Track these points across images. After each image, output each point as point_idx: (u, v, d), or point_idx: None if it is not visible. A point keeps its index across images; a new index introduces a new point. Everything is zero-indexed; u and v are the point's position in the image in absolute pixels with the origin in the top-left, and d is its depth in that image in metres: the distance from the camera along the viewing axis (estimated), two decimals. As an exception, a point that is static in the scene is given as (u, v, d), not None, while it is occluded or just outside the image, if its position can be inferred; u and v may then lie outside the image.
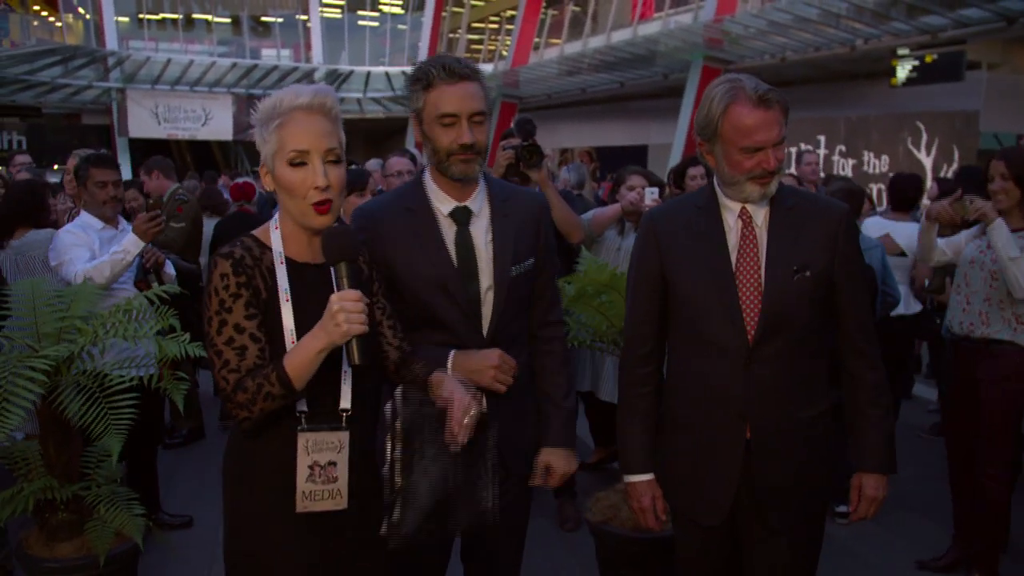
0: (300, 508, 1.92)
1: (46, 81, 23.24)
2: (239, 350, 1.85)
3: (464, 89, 2.19)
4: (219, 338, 1.86)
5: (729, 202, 2.30)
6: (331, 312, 1.78)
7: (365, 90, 27.57)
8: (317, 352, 1.81)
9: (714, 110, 2.20)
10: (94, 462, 3.42)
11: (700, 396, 2.32)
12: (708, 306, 2.27)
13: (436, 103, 2.21)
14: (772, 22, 14.55)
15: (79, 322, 3.24)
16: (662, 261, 2.33)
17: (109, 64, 23.82)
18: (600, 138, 21.46)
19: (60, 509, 3.24)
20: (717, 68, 16.87)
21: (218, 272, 1.86)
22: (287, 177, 1.89)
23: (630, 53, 18.26)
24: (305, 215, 1.92)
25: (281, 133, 1.88)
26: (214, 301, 1.86)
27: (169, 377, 3.29)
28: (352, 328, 1.77)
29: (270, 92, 1.97)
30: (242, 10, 28.31)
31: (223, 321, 1.86)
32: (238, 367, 1.85)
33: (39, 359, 2.82)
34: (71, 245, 3.96)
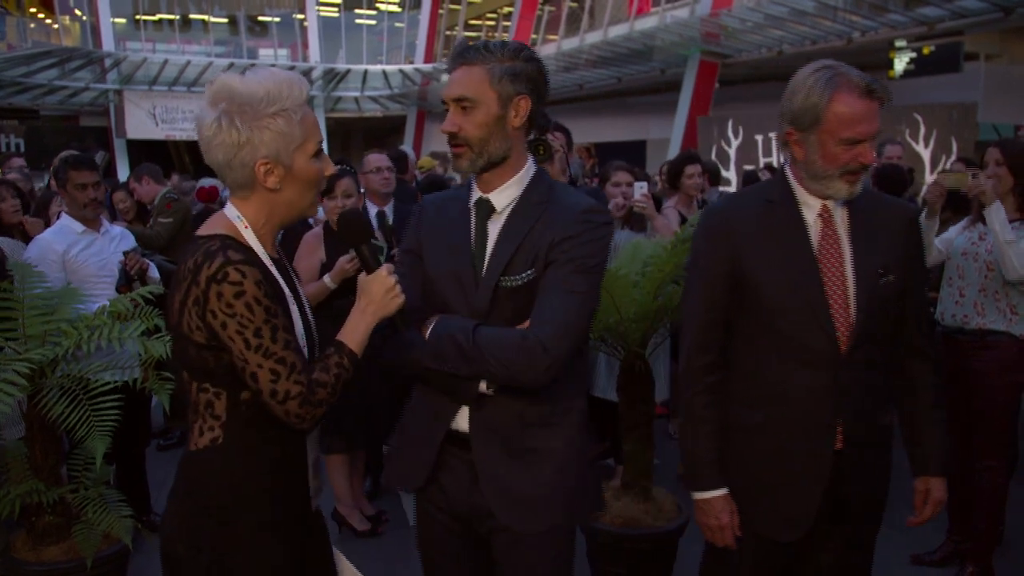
0: (314, 506, 1.99)
1: (43, 83, 23.25)
2: (297, 350, 1.81)
3: (455, 74, 2.04)
4: (277, 346, 1.75)
5: (810, 198, 2.19)
6: (387, 286, 1.88)
7: (363, 89, 27.57)
8: (368, 329, 1.90)
9: (817, 97, 2.07)
10: (81, 465, 3.41)
11: (779, 404, 2.20)
12: (794, 311, 2.15)
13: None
14: (768, 16, 14.54)
15: (64, 324, 3.24)
16: (738, 262, 2.18)
17: (106, 65, 23.80)
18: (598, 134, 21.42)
19: (47, 512, 3.24)
20: (714, 62, 16.89)
21: (251, 281, 1.72)
22: (311, 169, 1.87)
23: (627, 48, 18.26)
24: (313, 206, 1.96)
25: (304, 126, 1.83)
26: (258, 311, 1.73)
27: (154, 378, 3.28)
28: (402, 299, 1.91)
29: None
30: (239, 10, 28.30)
31: (275, 327, 1.76)
32: (304, 367, 1.80)
33: (20, 362, 2.81)
34: (46, 261, 3.87)
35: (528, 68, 2.02)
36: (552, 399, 2.06)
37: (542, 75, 2.06)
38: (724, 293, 2.21)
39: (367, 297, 1.89)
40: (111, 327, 3.18)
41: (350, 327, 1.89)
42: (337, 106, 28.18)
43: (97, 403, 3.07)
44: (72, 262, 3.99)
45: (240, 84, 1.80)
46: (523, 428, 2.05)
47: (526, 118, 2.03)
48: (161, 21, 27.77)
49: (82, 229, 4.09)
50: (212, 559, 1.83)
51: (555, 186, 2.12)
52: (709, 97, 17.16)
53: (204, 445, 1.84)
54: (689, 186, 5.68)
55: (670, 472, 5.05)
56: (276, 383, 1.75)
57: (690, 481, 2.33)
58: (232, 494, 1.83)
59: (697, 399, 2.28)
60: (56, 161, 4.10)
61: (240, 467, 1.84)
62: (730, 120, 13.32)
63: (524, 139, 2.10)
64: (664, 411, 5.93)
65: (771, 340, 2.20)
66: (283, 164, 1.82)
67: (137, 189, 6.54)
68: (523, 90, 2.01)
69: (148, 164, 6.88)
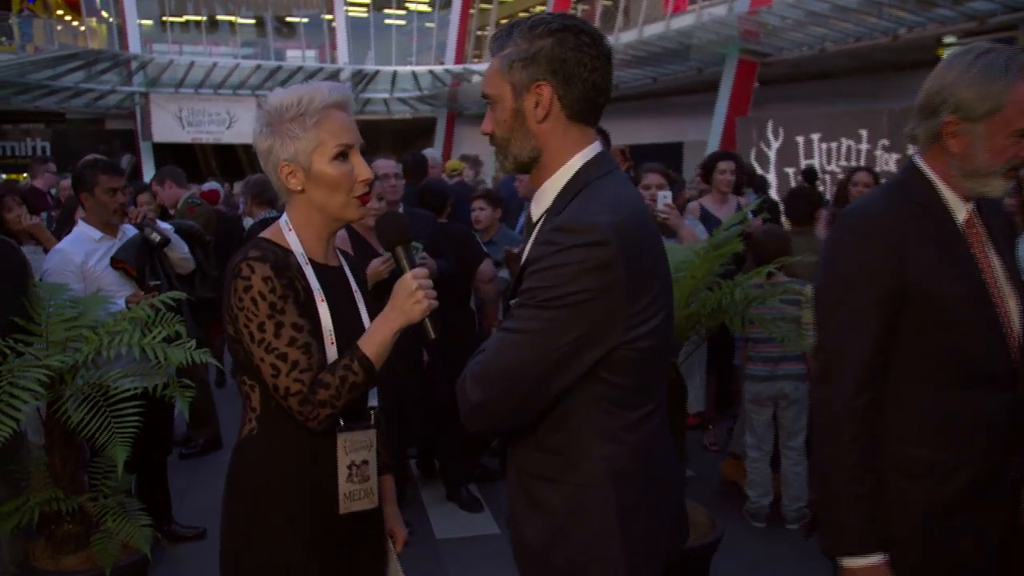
0: (343, 509, 1.96)
1: (70, 86, 23.65)
2: (304, 348, 1.85)
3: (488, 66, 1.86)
4: (279, 341, 1.84)
5: (956, 200, 1.99)
6: (409, 290, 1.88)
7: (392, 90, 27.73)
8: (393, 334, 1.90)
9: (999, 83, 1.87)
10: (101, 473, 3.46)
11: (953, 435, 1.95)
12: (971, 328, 1.94)
13: None
14: (810, 12, 14.41)
15: (86, 331, 3.29)
16: (906, 276, 1.91)
17: (132, 68, 24.16)
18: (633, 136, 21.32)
19: (66, 521, 3.29)
20: (753, 61, 16.78)
21: (259, 276, 1.84)
22: (332, 172, 1.92)
23: (663, 47, 18.20)
24: (347, 208, 1.97)
25: (322, 130, 1.91)
26: (262, 306, 1.84)
27: (175, 385, 3.31)
28: (432, 303, 1.89)
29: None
30: (266, 10, 28.61)
31: (279, 323, 1.84)
32: (309, 366, 1.84)
33: (39, 369, 2.86)
34: (64, 272, 3.90)
35: (546, 47, 1.72)
36: (546, 449, 1.81)
37: (570, 50, 1.72)
38: (890, 313, 1.93)
39: (392, 302, 1.91)
40: (131, 333, 3.23)
41: (370, 332, 1.92)
42: (366, 108, 28.35)
43: (118, 410, 3.11)
44: (91, 272, 3.98)
45: (274, 96, 1.96)
46: (526, 476, 1.85)
47: (550, 107, 1.74)
48: (188, 23, 28.16)
49: (99, 236, 4.07)
50: (240, 547, 1.96)
51: (592, 185, 1.76)
52: (748, 97, 17.04)
53: (244, 436, 2.00)
54: (721, 182, 5.79)
55: (703, 485, 5.02)
56: (276, 378, 1.84)
57: (835, 543, 1.99)
58: (262, 486, 1.95)
59: (855, 444, 1.94)
60: (80, 166, 4.12)
61: (271, 460, 1.95)
62: (770, 121, 13.21)
63: (564, 132, 1.78)
64: (696, 421, 5.90)
65: (948, 363, 1.96)
66: (302, 166, 1.93)
67: (159, 193, 6.60)
68: (540, 75, 1.73)
69: (171, 167, 6.95)
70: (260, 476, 1.96)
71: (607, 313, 1.65)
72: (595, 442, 1.76)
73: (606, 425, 1.76)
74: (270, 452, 1.95)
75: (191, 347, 3.20)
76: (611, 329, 1.67)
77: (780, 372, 4.52)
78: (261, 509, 1.94)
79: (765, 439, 4.64)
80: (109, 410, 3.10)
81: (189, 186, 6.91)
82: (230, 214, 8.31)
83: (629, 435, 1.77)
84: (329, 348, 1.92)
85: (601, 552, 1.77)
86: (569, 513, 1.78)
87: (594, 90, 1.76)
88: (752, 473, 4.67)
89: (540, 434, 1.80)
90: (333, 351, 1.92)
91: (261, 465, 1.96)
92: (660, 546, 1.87)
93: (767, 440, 4.64)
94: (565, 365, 1.67)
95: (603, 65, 1.76)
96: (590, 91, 1.75)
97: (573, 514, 1.78)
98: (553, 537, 1.80)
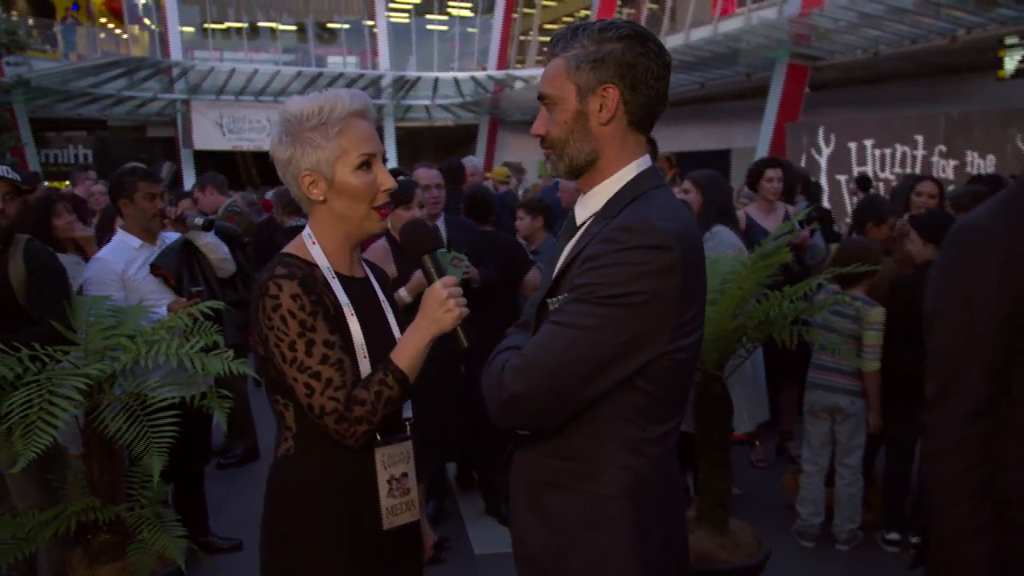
0: (387, 525, 1.96)
1: (112, 93, 24.16)
2: (337, 366, 1.84)
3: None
4: (311, 359, 1.83)
5: None
6: (440, 299, 1.87)
7: (433, 97, 27.91)
8: (426, 345, 1.89)
9: None
10: (138, 482, 3.51)
11: None
12: None
13: None
14: (864, 14, 14.24)
15: (125, 340, 3.34)
16: None
17: (174, 75, 24.62)
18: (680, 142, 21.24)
19: (102, 530, 3.34)
20: (804, 65, 16.62)
21: (287, 294, 1.83)
22: (354, 182, 1.92)
23: (711, 52, 18.09)
24: (368, 220, 1.97)
25: (344, 139, 1.90)
26: (292, 324, 1.83)
27: (213, 395, 3.35)
28: (463, 311, 1.88)
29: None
30: (307, 16, 28.97)
31: (311, 341, 1.83)
32: (343, 383, 1.84)
33: (77, 377, 2.91)
34: (104, 281, 3.98)
35: (616, 50, 1.73)
36: (563, 456, 1.79)
37: (639, 56, 1.74)
38: (1010, 337, 1.82)
39: (422, 311, 1.90)
40: (169, 343, 3.27)
41: (402, 343, 1.91)
42: (407, 115, 28.59)
43: (155, 420, 3.15)
44: (131, 280, 4.05)
45: (293, 104, 1.94)
46: (536, 483, 1.84)
47: (615, 111, 1.75)
48: (229, 29, 28.63)
49: (139, 244, 4.14)
50: (281, 566, 1.97)
51: (648, 194, 1.78)
52: (798, 102, 16.88)
53: (280, 455, 2.00)
54: (767, 190, 5.72)
55: (750, 503, 4.96)
56: (311, 398, 1.84)
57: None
58: (302, 505, 1.94)
59: (970, 473, 1.83)
60: (118, 173, 4.19)
61: (309, 479, 1.95)
62: (821, 127, 13.09)
63: (623, 137, 1.80)
64: (743, 437, 5.84)
65: None
66: (325, 176, 1.92)
67: (200, 199, 6.69)
68: (608, 77, 1.74)
69: (212, 173, 7.03)
70: (299, 495, 1.95)
71: (659, 319, 1.65)
72: (618, 452, 1.75)
73: (631, 436, 1.75)
74: (308, 471, 1.95)
75: (229, 357, 3.23)
76: (659, 336, 1.66)
77: (836, 384, 4.44)
78: (301, 528, 1.95)
79: (821, 454, 4.55)
80: (146, 419, 3.14)
81: (230, 193, 6.99)
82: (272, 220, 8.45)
83: (651, 448, 1.77)
84: (362, 362, 1.92)
85: (615, 567, 1.74)
86: (582, 524, 1.76)
87: (656, 99, 1.78)
88: (805, 489, 4.58)
89: (558, 440, 1.78)
90: (366, 365, 1.92)
91: (300, 484, 1.96)
92: (672, 565, 1.85)
93: (823, 455, 4.56)
94: (610, 367, 1.66)
95: (666, 75, 1.78)
96: (652, 99, 1.77)
97: (587, 526, 1.76)
98: (561, 549, 1.78)
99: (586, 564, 1.76)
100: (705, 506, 3.62)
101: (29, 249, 3.53)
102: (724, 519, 3.61)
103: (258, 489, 2.05)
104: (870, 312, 4.31)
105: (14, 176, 3.49)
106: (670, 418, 1.80)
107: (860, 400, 4.41)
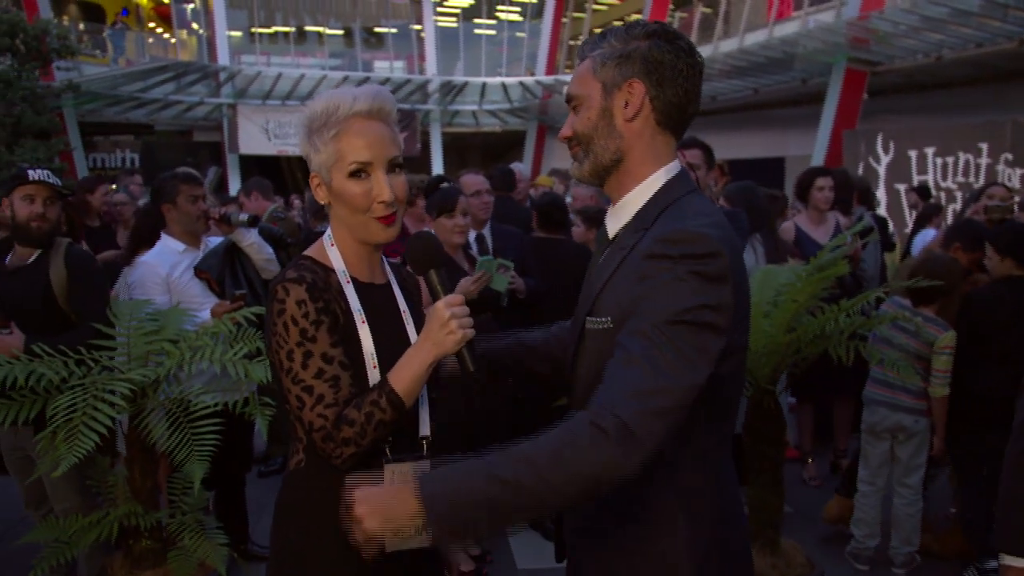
0: (390, 547, 1.80)
1: (159, 98, 24.63)
2: (332, 382, 1.79)
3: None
4: (305, 372, 1.78)
5: None
6: (442, 320, 1.77)
7: (480, 102, 28.02)
8: (427, 367, 1.80)
9: None
10: (180, 489, 3.56)
11: None
12: None
13: None
14: (926, 17, 14.02)
15: (168, 344, 3.39)
16: None
17: (220, 79, 25.02)
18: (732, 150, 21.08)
19: (144, 536, 3.39)
20: (862, 71, 16.41)
21: (292, 299, 1.77)
22: (348, 190, 1.85)
23: (765, 56, 17.95)
24: (368, 229, 1.89)
25: (339, 143, 1.85)
26: (293, 332, 1.77)
27: (255, 402, 3.38)
28: (467, 333, 1.78)
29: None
30: (354, 21, 29.27)
31: (308, 353, 1.78)
32: (335, 400, 1.78)
33: (121, 382, 2.95)
34: (149, 284, 4.05)
35: (642, 47, 1.71)
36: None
37: (666, 53, 1.71)
38: None
39: (424, 332, 1.81)
40: (213, 348, 3.31)
41: (401, 364, 1.82)
42: (454, 120, 28.73)
43: (197, 426, 3.20)
44: (177, 283, 4.11)
45: (313, 101, 1.91)
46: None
47: (640, 107, 1.72)
48: (276, 34, 29.03)
49: (183, 248, 4.20)
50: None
51: (680, 201, 1.72)
52: (856, 109, 16.66)
53: (292, 467, 1.94)
54: (818, 199, 5.65)
55: (802, 522, 4.89)
56: (301, 411, 1.79)
57: (1005, 540, 2.07)
58: (312, 519, 1.89)
59: None
60: (160, 179, 4.27)
61: (319, 492, 1.87)
62: (880, 134, 12.89)
63: (651, 138, 1.75)
64: (796, 454, 5.76)
65: None
66: (325, 180, 1.89)
67: (246, 204, 6.75)
68: (633, 73, 1.71)
69: (258, 178, 7.10)
70: (308, 510, 1.90)
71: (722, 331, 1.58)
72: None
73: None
74: (319, 484, 1.88)
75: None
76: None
77: (902, 403, 4.29)
78: (309, 545, 1.90)
79: (879, 474, 4.42)
80: (189, 426, 3.18)
81: (275, 198, 7.06)
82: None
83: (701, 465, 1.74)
84: (371, 372, 1.86)
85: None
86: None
87: (686, 98, 1.73)
88: (860, 510, 4.47)
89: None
90: (376, 375, 1.86)
91: (309, 499, 1.90)
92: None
93: (881, 475, 4.43)
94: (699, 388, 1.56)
95: (696, 75, 1.74)
96: (682, 97, 1.72)
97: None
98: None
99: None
100: (756, 525, 3.58)
101: (70, 253, 3.60)
102: (776, 539, 3.57)
103: (300, 497, 2.04)
104: (942, 336, 4.17)
105: (55, 181, 3.57)
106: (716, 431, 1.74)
107: (924, 419, 4.30)
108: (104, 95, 22.96)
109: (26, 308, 3.47)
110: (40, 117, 17.03)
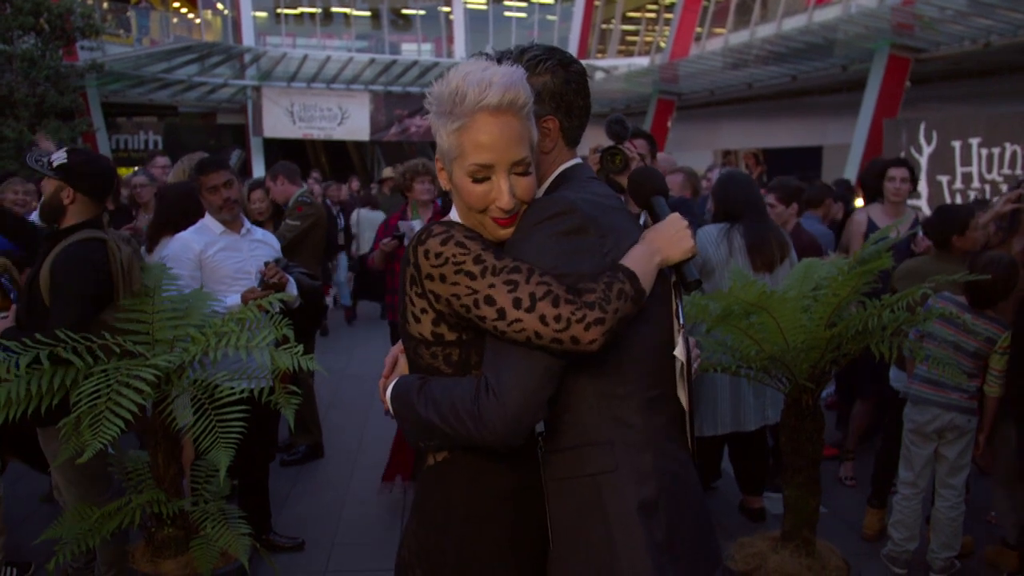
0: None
1: (183, 79, 24.72)
2: (540, 277, 1.67)
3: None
4: (502, 262, 1.68)
5: None
6: (677, 226, 1.87)
7: (510, 86, 27.88)
8: (655, 264, 1.81)
9: None
10: (203, 477, 3.58)
11: None
12: None
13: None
14: (974, 1, 13.80)
15: (193, 330, 3.41)
16: None
17: (245, 61, 25.10)
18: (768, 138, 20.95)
19: (166, 524, 3.41)
20: (906, 57, 16.20)
21: (459, 229, 1.73)
22: (466, 188, 1.76)
23: (804, 42, 17.75)
24: (483, 227, 1.81)
25: (463, 139, 1.73)
26: (472, 244, 1.70)
27: (281, 390, 3.39)
28: (692, 244, 1.87)
29: (409, 90, 1.93)
30: (382, 2, 29.27)
31: (497, 255, 1.70)
32: (552, 286, 1.66)
33: (147, 368, 2.96)
34: (182, 258, 4.17)
35: (548, 83, 1.93)
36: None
37: (569, 83, 1.95)
38: None
39: (653, 233, 1.86)
40: (239, 335, 3.32)
41: (631, 256, 1.79)
42: (482, 105, 28.64)
43: (223, 413, 3.21)
44: (209, 261, 4.26)
45: (441, 80, 1.80)
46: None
47: (557, 140, 1.94)
48: (302, 15, 29.08)
49: (222, 230, 4.38)
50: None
51: (570, 184, 1.92)
52: (898, 97, 16.45)
53: (438, 460, 1.86)
54: (891, 191, 5.54)
55: (837, 522, 4.85)
56: (515, 291, 1.65)
57: None
58: (464, 513, 1.82)
59: None
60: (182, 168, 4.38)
61: (470, 484, 1.82)
62: (923, 124, 12.72)
63: (558, 154, 1.96)
64: (833, 452, 5.72)
65: None
66: (448, 169, 1.81)
67: (272, 188, 6.78)
68: (547, 112, 1.91)
69: (284, 163, 7.12)
70: (460, 503, 1.82)
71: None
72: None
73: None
74: (469, 476, 1.82)
75: (298, 352, 3.27)
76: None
77: (954, 401, 4.20)
78: (468, 538, 1.82)
79: (923, 475, 4.35)
80: (214, 413, 3.20)
81: (301, 183, 7.06)
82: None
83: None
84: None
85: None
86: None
87: (585, 114, 1.99)
88: (899, 512, 4.38)
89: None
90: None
91: (459, 491, 1.83)
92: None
93: (924, 476, 4.36)
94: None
95: (587, 89, 2.00)
96: (583, 117, 1.99)
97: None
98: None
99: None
100: (791, 525, 3.55)
101: (61, 251, 3.40)
102: (812, 540, 3.54)
103: (322, 488, 2.04)
104: (1004, 335, 4.12)
105: (42, 163, 3.53)
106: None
107: (975, 418, 4.23)
108: (128, 76, 23.08)
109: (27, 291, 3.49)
110: (63, 97, 17.20)
